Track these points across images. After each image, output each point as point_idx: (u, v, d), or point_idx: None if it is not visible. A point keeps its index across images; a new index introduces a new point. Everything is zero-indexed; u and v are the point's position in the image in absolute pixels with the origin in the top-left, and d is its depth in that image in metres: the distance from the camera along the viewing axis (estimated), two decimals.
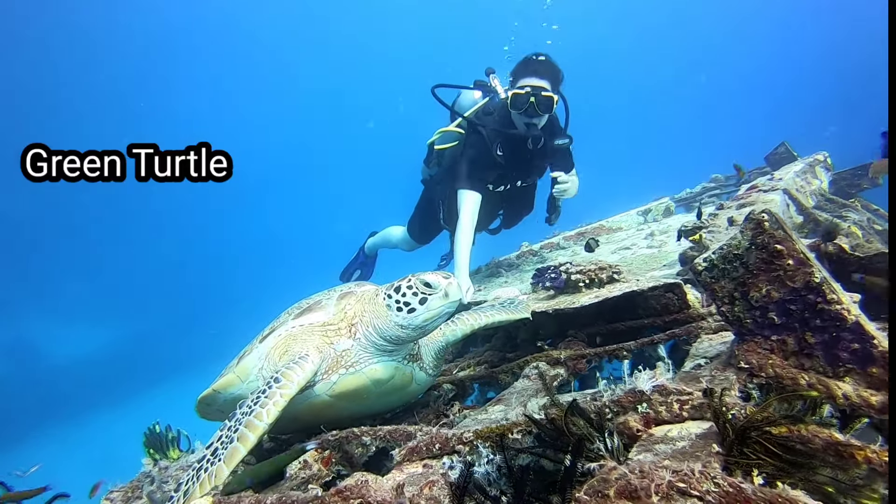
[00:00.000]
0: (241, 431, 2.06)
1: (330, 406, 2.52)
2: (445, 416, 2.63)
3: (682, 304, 2.67)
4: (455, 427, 2.18)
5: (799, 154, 6.42)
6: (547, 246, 6.13)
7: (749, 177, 7.52)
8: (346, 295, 2.61)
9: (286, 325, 2.59)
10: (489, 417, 2.20)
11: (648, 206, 6.50)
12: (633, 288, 2.72)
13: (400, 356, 2.53)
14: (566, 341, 2.93)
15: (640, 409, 1.57)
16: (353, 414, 2.70)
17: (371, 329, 2.40)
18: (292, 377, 2.27)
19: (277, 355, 2.53)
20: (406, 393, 2.70)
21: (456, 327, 2.82)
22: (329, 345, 2.47)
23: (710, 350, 2.07)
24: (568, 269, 3.06)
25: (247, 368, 2.60)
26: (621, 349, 2.56)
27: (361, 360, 2.45)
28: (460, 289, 2.31)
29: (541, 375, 2.49)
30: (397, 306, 2.30)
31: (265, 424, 2.08)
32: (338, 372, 2.44)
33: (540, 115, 4.41)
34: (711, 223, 3.70)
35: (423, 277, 2.29)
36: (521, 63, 4.51)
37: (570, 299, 2.94)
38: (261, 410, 2.12)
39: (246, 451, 2.01)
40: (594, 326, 2.97)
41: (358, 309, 2.49)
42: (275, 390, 2.21)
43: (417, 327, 2.32)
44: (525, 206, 5.34)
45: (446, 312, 2.32)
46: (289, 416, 2.51)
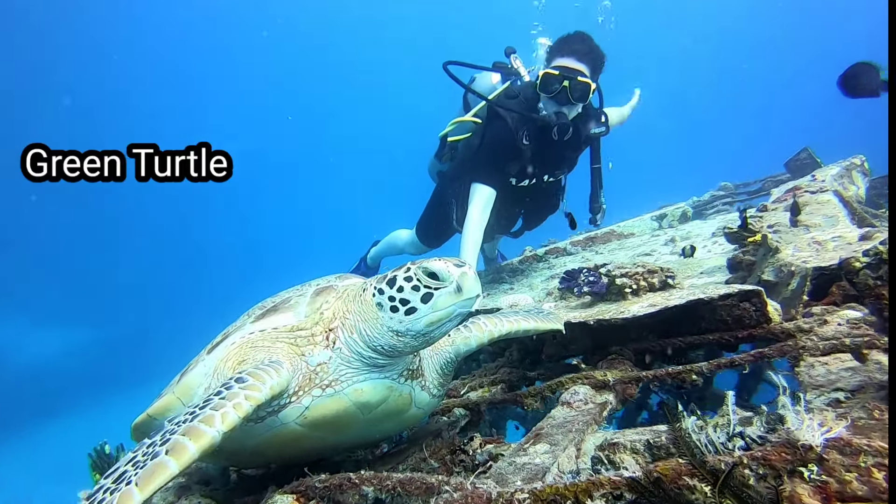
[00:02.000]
0: (174, 441, 1.44)
1: (303, 438, 1.91)
2: (464, 453, 2.05)
3: (760, 316, 2.14)
4: (490, 475, 1.61)
5: (822, 160, 6.02)
6: (553, 251, 5.60)
7: (762, 185, 7.14)
8: (323, 290, 2.01)
9: (242, 330, 2.00)
10: (533, 462, 1.64)
11: (663, 210, 6.03)
12: (699, 296, 2.19)
13: (395, 372, 1.93)
14: (608, 359, 2.39)
15: (807, 473, 1.02)
16: (336, 445, 2.12)
17: (356, 336, 1.82)
18: (263, 378, 1.69)
19: (230, 369, 1.93)
20: (403, 419, 2.10)
21: (470, 334, 2.20)
22: (299, 356, 1.87)
23: (837, 379, 1.54)
24: (609, 271, 2.53)
25: (190, 387, 1.98)
26: (689, 372, 2.02)
27: (343, 378, 1.86)
28: (477, 280, 1.73)
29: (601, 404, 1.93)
30: (391, 305, 1.72)
31: (216, 433, 1.48)
32: (311, 393, 1.83)
33: (573, 103, 3.85)
34: (759, 226, 3.20)
35: (427, 265, 1.71)
36: (558, 40, 3.95)
37: (615, 308, 2.40)
38: (213, 414, 1.52)
39: (178, 469, 1.38)
40: (641, 342, 2.43)
41: (339, 309, 1.91)
42: (237, 391, 1.62)
43: (419, 334, 1.74)
44: (550, 205, 4.74)
45: (459, 314, 1.74)
46: (247, 448, 1.93)
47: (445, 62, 4.24)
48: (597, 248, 5.50)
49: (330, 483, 1.64)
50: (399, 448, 2.27)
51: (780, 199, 3.85)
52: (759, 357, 1.91)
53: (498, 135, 4.07)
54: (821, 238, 2.55)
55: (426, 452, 2.11)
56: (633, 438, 1.73)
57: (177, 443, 1.44)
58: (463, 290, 1.68)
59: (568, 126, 3.97)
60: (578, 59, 3.83)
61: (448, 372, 2.19)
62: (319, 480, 1.67)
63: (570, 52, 3.84)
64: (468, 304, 1.71)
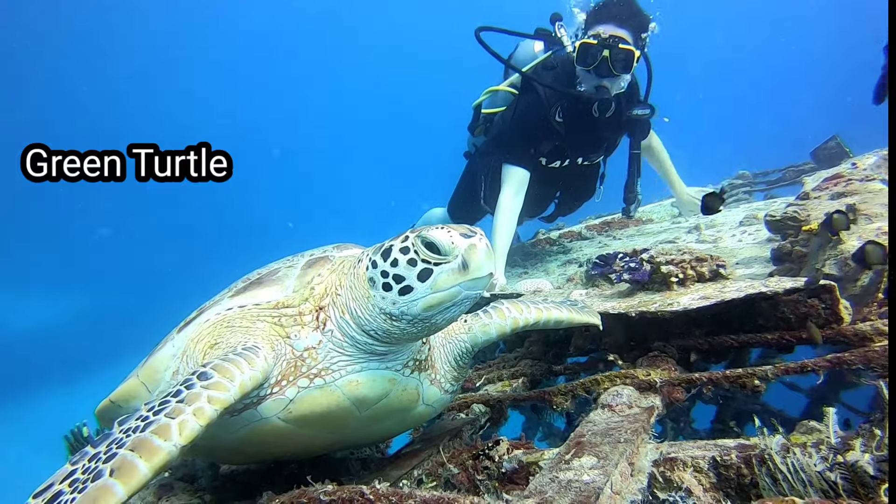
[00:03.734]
0: (121, 459, 1.16)
1: (288, 435, 1.63)
2: (488, 459, 1.79)
3: (830, 315, 1.88)
4: (530, 494, 1.36)
5: (852, 150, 5.73)
6: (567, 235, 5.32)
7: (783, 174, 6.87)
8: (316, 262, 1.72)
9: (219, 305, 1.71)
10: (581, 480, 1.38)
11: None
12: (760, 289, 1.92)
13: (398, 362, 1.64)
14: (650, 357, 2.13)
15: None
16: (331, 445, 1.84)
17: (347, 317, 1.53)
18: (232, 373, 1.39)
19: (201, 351, 1.64)
20: (409, 417, 1.81)
21: (490, 321, 1.88)
22: (283, 339, 1.58)
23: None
24: (653, 257, 2.26)
25: (155, 370, 1.69)
26: (751, 376, 1.76)
27: (335, 367, 1.56)
28: (490, 254, 1.40)
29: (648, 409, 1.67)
30: (384, 282, 1.41)
31: (172, 447, 1.20)
32: (296, 384, 1.54)
33: (615, 75, 3.46)
34: (804, 215, 2.92)
35: (427, 234, 1.38)
36: (596, 5, 3.55)
37: (661, 299, 2.13)
38: (167, 423, 1.24)
39: (127, 495, 1.11)
40: (686, 338, 2.17)
41: (332, 283, 1.61)
42: (199, 391, 1.33)
43: (416, 319, 1.43)
44: (586, 190, 4.37)
45: (466, 297, 1.40)
46: (225, 444, 1.64)
47: (478, 28, 3.87)
48: (614, 233, 5.21)
49: (338, 497, 1.38)
50: (413, 448, 2.01)
51: (822, 188, 3.56)
52: (837, 363, 1.65)
53: (529, 109, 3.74)
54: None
55: (444, 456, 1.86)
56: (694, 454, 1.48)
57: (124, 461, 1.15)
58: (469, 267, 1.36)
59: (610, 102, 3.60)
60: (619, 24, 3.44)
61: (463, 364, 1.90)
62: (325, 492, 1.40)
63: (610, 18, 3.45)
64: (476, 286, 1.39)
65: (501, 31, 4.05)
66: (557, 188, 4.42)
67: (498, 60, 4.00)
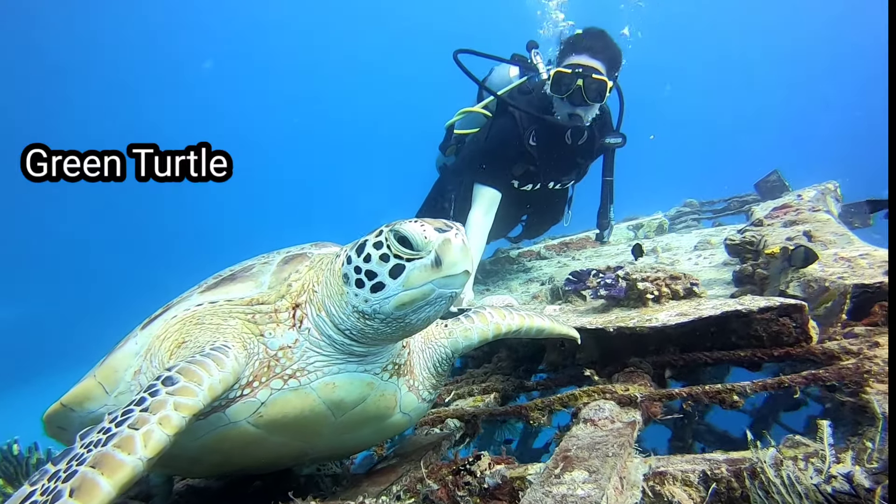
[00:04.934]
0: (81, 477, 1.07)
1: (256, 443, 1.51)
2: (469, 474, 1.73)
3: (801, 333, 1.94)
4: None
5: (791, 184, 6.09)
6: (526, 254, 5.38)
7: (728, 204, 7.19)
8: (293, 259, 1.64)
9: (188, 301, 1.60)
10: (576, 495, 1.35)
11: (640, 220, 5.93)
12: (736, 307, 1.97)
13: (377, 365, 1.56)
14: (626, 372, 2.14)
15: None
16: (299, 455, 1.72)
17: (324, 315, 1.46)
18: (200, 376, 1.30)
19: (167, 350, 1.53)
20: (385, 426, 1.72)
21: (472, 325, 1.83)
22: (257, 337, 1.49)
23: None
24: (628, 274, 2.28)
25: (115, 370, 1.57)
26: (730, 392, 1.79)
27: (311, 367, 1.48)
28: (466, 251, 1.32)
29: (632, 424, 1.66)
30: (357, 279, 1.35)
31: (137, 462, 1.11)
32: (269, 385, 1.45)
33: (588, 104, 3.56)
34: (760, 241, 3.04)
35: (399, 228, 1.31)
36: (571, 37, 3.64)
37: (637, 315, 2.15)
38: (131, 435, 1.14)
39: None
40: (661, 354, 2.19)
41: (309, 280, 1.54)
42: (164, 398, 1.23)
43: (390, 318, 1.36)
44: (554, 213, 4.45)
45: (440, 296, 1.33)
46: (187, 452, 1.52)
47: (457, 51, 3.90)
48: (572, 253, 5.31)
49: None
50: (389, 464, 1.93)
51: (773, 216, 3.75)
52: (813, 380, 1.70)
53: (504, 132, 3.79)
54: (845, 255, 2.40)
55: (423, 471, 1.79)
56: (684, 468, 1.48)
57: (84, 479, 1.05)
58: (443, 263, 1.28)
59: (583, 130, 3.70)
60: (593, 55, 3.54)
61: (442, 371, 1.83)
62: None
63: (584, 49, 3.55)
64: (451, 284, 1.32)
65: (479, 54, 4.11)
66: (526, 210, 4.47)
67: (474, 82, 4.04)
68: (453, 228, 1.33)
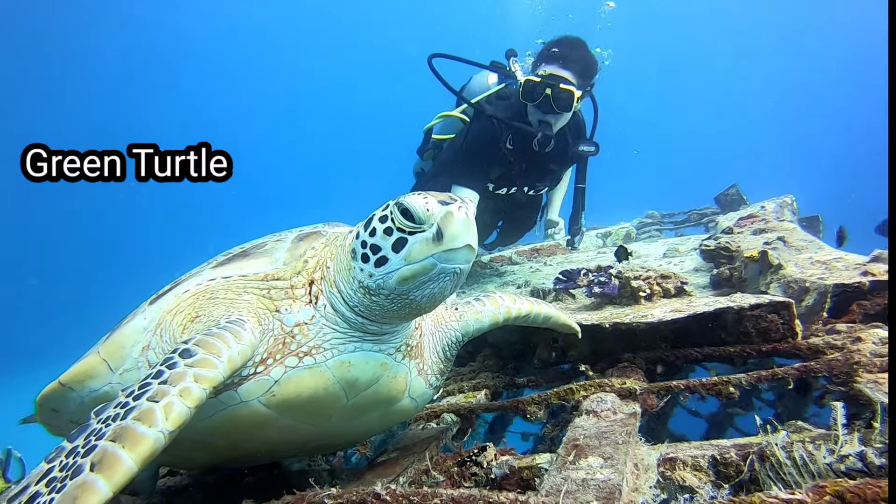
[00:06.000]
0: (102, 450, 1.03)
1: (265, 425, 1.46)
2: (476, 465, 1.73)
3: (787, 330, 2.03)
4: (548, 493, 1.32)
5: (748, 198, 6.38)
6: (498, 259, 5.42)
7: (688, 216, 7.46)
8: (308, 236, 1.61)
9: (200, 276, 1.56)
10: (596, 479, 1.37)
11: (608, 229, 6.08)
12: (728, 304, 2.05)
13: (392, 345, 1.54)
14: (620, 367, 2.18)
15: None
16: (302, 442, 1.68)
17: (336, 291, 1.44)
18: (219, 348, 1.26)
19: (180, 324, 1.48)
20: (391, 412, 1.68)
21: (483, 308, 1.81)
22: (272, 313, 1.45)
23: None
24: (621, 272, 2.34)
25: (121, 346, 1.50)
26: (726, 384, 1.85)
27: (327, 345, 1.45)
28: (469, 224, 1.28)
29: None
30: (363, 253, 1.34)
31: (159, 434, 1.08)
32: (284, 363, 1.41)
33: (556, 112, 3.62)
34: (735, 246, 3.18)
35: (403, 200, 1.28)
36: (546, 46, 3.71)
37: (632, 312, 2.21)
38: (151, 408, 1.11)
39: (111, 491, 0.99)
40: (652, 350, 2.25)
41: (324, 257, 1.52)
42: (183, 370, 1.19)
43: (394, 294, 1.33)
44: (528, 220, 4.50)
45: (442, 271, 1.28)
46: (189, 437, 1.45)
47: (431, 55, 3.91)
48: (544, 258, 5.39)
49: (346, 499, 1.27)
50: (390, 457, 1.91)
51: (742, 225, 3.92)
52: (805, 371, 1.78)
53: (482, 134, 3.82)
54: (820, 258, 2.54)
55: (428, 463, 1.78)
56: (693, 454, 1.52)
57: (105, 453, 1.02)
58: (444, 236, 1.24)
59: (550, 138, 3.74)
60: (563, 65, 3.62)
61: (450, 356, 1.81)
62: (329, 496, 1.29)
63: (555, 59, 3.63)
64: (453, 259, 1.27)
65: (455, 58, 4.12)
66: (501, 217, 4.51)
67: (447, 88, 4.06)
68: (457, 201, 1.30)
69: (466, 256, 1.30)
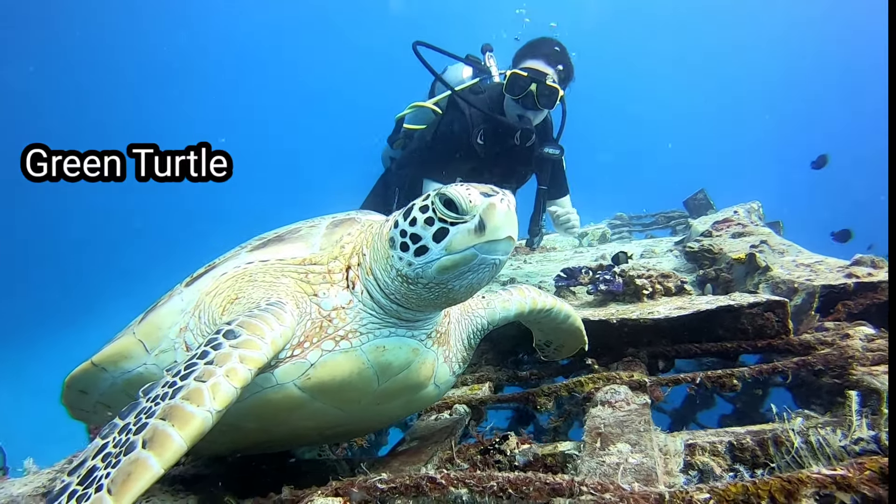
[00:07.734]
0: (153, 428, 1.07)
1: (298, 407, 1.48)
2: (500, 453, 1.80)
3: (782, 327, 2.18)
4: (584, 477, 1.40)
5: (715, 203, 6.65)
6: None
7: (655, 219, 7.72)
8: (343, 222, 1.64)
9: (237, 259, 1.59)
10: (629, 462, 1.46)
11: (585, 229, 6.24)
12: (728, 302, 2.18)
13: (423, 332, 1.56)
14: (625, 362, 2.29)
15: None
16: (326, 427, 1.70)
17: (372, 278, 1.46)
18: (262, 329, 1.29)
19: (220, 305, 1.51)
20: (416, 399, 1.71)
21: (510, 297, 1.84)
22: (310, 297, 1.48)
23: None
24: (624, 271, 2.45)
25: (158, 327, 1.52)
26: (730, 377, 1.98)
27: (363, 329, 1.47)
28: (510, 217, 1.30)
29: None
30: (402, 242, 1.35)
31: (207, 414, 1.12)
32: (321, 346, 1.44)
33: (538, 108, 3.70)
34: (717, 249, 3.35)
35: (446, 191, 1.30)
36: (530, 43, 3.78)
37: (637, 309, 2.32)
38: (199, 388, 1.14)
39: (163, 468, 1.04)
40: (654, 346, 2.37)
41: (360, 243, 1.55)
42: (228, 350, 1.23)
43: (433, 283, 1.35)
44: None
45: (482, 262, 1.30)
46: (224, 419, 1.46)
47: (415, 42, 3.95)
48: (522, 258, 5.51)
49: (399, 484, 1.31)
50: (410, 447, 1.95)
51: (719, 228, 4.11)
52: (803, 365, 1.92)
53: (453, 126, 3.83)
54: (803, 261, 2.71)
55: (452, 451, 1.84)
56: (711, 440, 1.63)
57: (156, 431, 1.07)
58: (486, 228, 1.26)
59: (531, 132, 3.80)
60: (548, 62, 3.70)
61: (474, 344, 1.85)
62: (381, 480, 1.33)
63: (541, 55, 3.70)
64: (494, 250, 1.29)
65: (436, 49, 4.13)
66: None
67: (431, 74, 4.10)
68: (499, 193, 1.32)
69: (507, 248, 1.32)
